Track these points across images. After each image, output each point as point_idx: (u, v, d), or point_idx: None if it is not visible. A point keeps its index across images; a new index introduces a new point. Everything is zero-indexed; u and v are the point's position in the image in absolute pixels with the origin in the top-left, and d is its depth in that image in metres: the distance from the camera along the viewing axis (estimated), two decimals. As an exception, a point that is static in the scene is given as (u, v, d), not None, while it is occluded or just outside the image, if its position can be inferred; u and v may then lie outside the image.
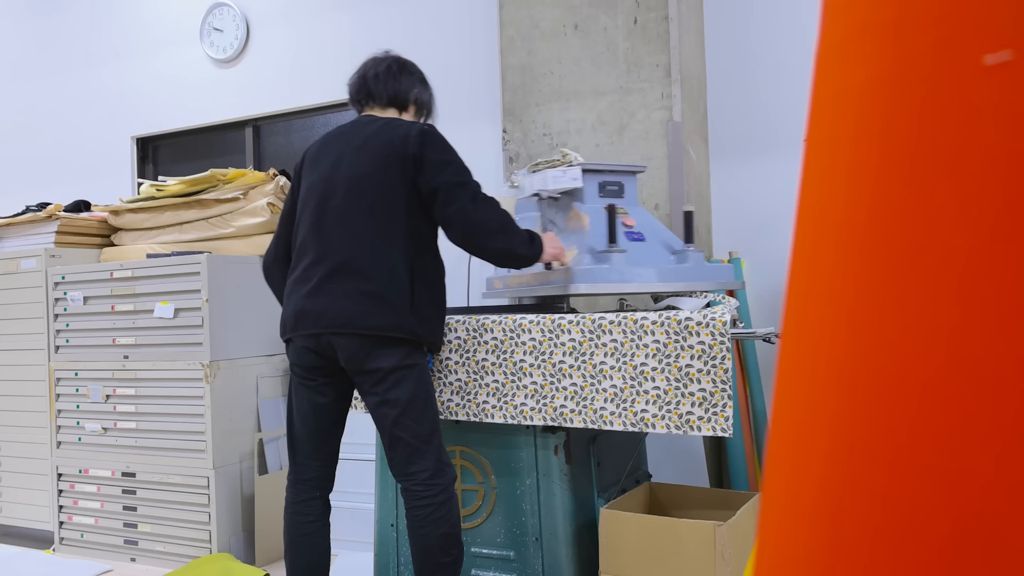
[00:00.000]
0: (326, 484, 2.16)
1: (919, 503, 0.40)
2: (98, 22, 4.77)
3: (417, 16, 3.85)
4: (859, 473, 0.42)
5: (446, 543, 2.00)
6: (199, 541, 3.03)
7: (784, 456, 0.46)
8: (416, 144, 1.99)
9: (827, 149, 0.45)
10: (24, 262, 3.48)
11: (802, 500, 0.45)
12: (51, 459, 3.38)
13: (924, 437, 0.40)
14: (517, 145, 3.28)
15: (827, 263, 0.44)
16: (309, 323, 1.99)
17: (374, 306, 1.94)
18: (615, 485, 2.47)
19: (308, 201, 2.08)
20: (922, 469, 0.39)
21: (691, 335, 1.92)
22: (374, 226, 1.98)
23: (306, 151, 2.20)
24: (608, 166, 2.40)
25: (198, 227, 3.42)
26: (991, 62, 0.39)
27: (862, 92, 0.43)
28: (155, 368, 3.11)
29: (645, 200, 3.05)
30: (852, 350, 0.43)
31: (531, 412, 2.13)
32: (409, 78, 2.18)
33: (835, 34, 0.45)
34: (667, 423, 1.94)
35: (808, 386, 0.46)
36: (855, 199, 0.43)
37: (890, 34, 0.42)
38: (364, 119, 2.13)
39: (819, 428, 0.45)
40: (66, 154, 4.89)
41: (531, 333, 2.13)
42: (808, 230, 0.46)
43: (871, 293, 0.42)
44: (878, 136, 0.42)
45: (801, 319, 0.46)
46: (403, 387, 1.98)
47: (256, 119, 4.36)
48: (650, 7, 3.08)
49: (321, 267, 2.00)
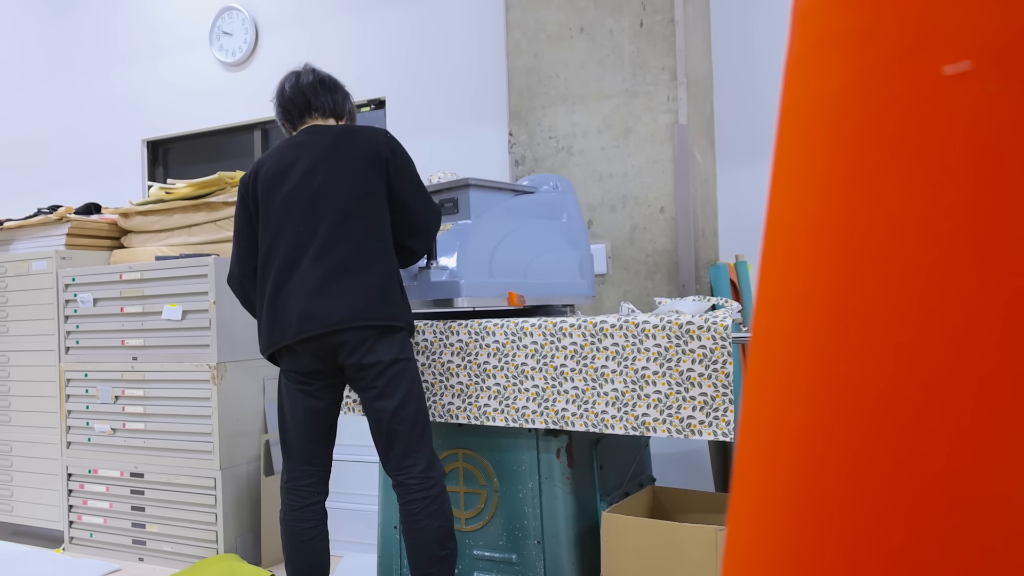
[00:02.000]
0: (323, 489, 2.18)
1: (874, 513, 0.40)
2: (108, 27, 4.81)
3: (424, 19, 3.87)
4: (821, 483, 0.42)
5: (442, 536, 2.02)
6: (206, 541, 3.05)
7: (751, 466, 0.47)
8: (387, 149, 2.12)
9: (791, 158, 0.45)
10: (36, 264, 3.51)
11: (769, 510, 0.45)
12: (61, 459, 3.41)
13: (879, 448, 0.40)
14: (523, 148, 3.29)
15: (792, 274, 0.44)
16: (318, 323, 2.01)
17: (378, 299, 2.03)
18: (618, 489, 2.46)
19: (288, 211, 2.10)
20: (876, 480, 0.40)
21: (692, 339, 1.91)
22: (364, 227, 2.06)
23: (258, 166, 2.18)
24: (436, 185, 2.47)
25: (206, 229, 3.44)
26: (951, 72, 0.39)
27: (826, 101, 0.43)
28: (163, 369, 3.13)
29: (651, 203, 3.05)
30: (816, 359, 0.43)
31: (532, 415, 2.13)
32: (341, 90, 2.28)
33: (801, 43, 0.46)
34: (668, 427, 1.94)
35: (775, 394, 0.46)
36: (817, 209, 0.43)
37: (853, 43, 0.42)
38: (317, 128, 2.16)
39: (784, 437, 0.45)
40: (77, 157, 4.94)
41: (533, 336, 2.14)
42: (774, 241, 0.46)
43: (836, 303, 0.43)
44: (839, 146, 0.42)
45: (769, 328, 0.46)
46: (400, 380, 2.04)
47: (265, 122, 4.38)
48: (656, 10, 3.08)
49: (319, 270, 2.03)
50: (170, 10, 4.60)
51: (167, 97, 4.60)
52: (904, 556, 0.38)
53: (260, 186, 2.15)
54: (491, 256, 2.32)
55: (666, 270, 3.03)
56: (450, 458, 2.36)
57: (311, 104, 2.20)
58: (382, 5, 3.97)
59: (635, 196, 3.09)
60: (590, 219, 3.15)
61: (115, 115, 4.79)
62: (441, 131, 3.82)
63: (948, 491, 0.38)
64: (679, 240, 3.01)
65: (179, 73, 4.56)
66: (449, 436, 2.36)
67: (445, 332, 2.28)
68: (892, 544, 0.39)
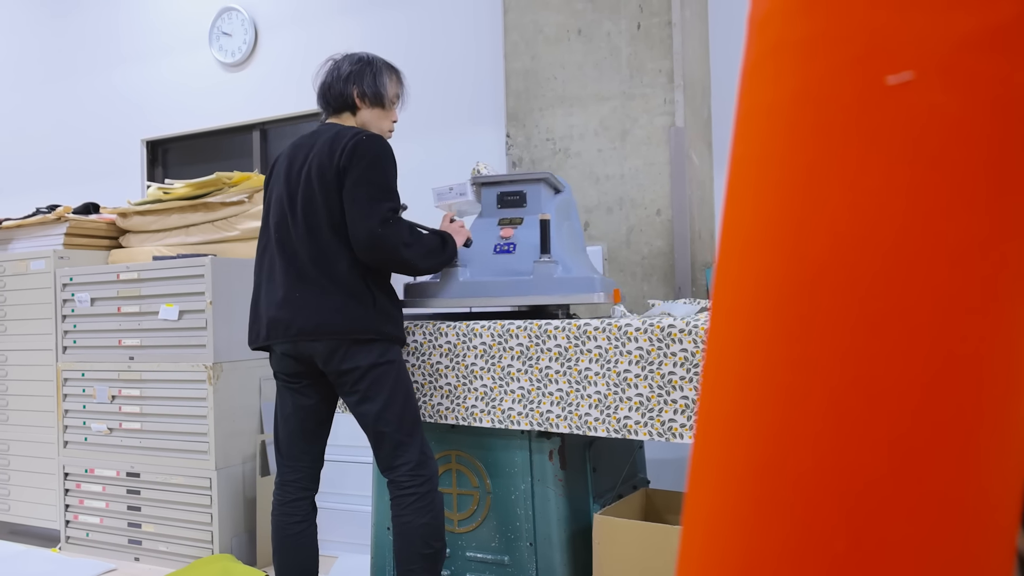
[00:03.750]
0: (311, 485, 2.19)
1: (818, 519, 0.40)
2: (108, 27, 4.83)
3: (423, 21, 3.87)
4: (771, 490, 0.42)
5: (428, 533, 2.02)
6: (201, 542, 3.06)
7: (706, 471, 0.47)
8: (346, 157, 2.02)
9: (744, 165, 0.45)
10: (34, 263, 3.52)
11: (721, 515, 0.45)
12: (58, 458, 3.42)
13: (823, 456, 0.40)
14: (520, 150, 3.29)
15: (745, 284, 0.44)
16: (280, 333, 2.05)
17: (338, 311, 2.00)
18: (611, 491, 2.46)
19: (275, 213, 2.13)
20: (822, 490, 0.40)
21: (674, 342, 1.91)
22: (336, 238, 2.02)
23: (277, 159, 2.23)
24: (507, 176, 2.38)
25: (204, 230, 3.45)
26: (894, 82, 0.39)
27: (773, 110, 0.43)
28: (159, 369, 3.14)
29: (647, 206, 3.05)
30: (765, 368, 0.43)
31: (518, 417, 2.14)
32: (355, 76, 2.16)
33: (753, 52, 0.46)
34: (649, 430, 1.94)
35: (729, 402, 0.46)
36: (764, 216, 0.43)
37: (800, 54, 0.42)
38: (320, 130, 2.17)
39: (739, 444, 0.45)
40: (77, 157, 4.95)
41: (518, 338, 2.14)
42: (727, 249, 0.46)
43: (786, 312, 0.43)
44: (786, 154, 0.42)
45: (724, 336, 0.46)
46: (382, 383, 2.04)
47: (264, 123, 4.39)
48: (653, 12, 3.08)
49: (287, 278, 2.05)
50: (169, 11, 4.61)
51: (166, 97, 4.62)
52: (845, 563, 0.38)
53: (271, 180, 2.20)
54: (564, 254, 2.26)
55: (662, 272, 3.03)
56: (443, 459, 2.36)
57: (327, 102, 2.21)
58: (381, 7, 3.98)
59: (632, 198, 3.09)
60: (587, 221, 3.15)
61: (114, 115, 4.80)
62: (438, 132, 3.83)
63: (887, 499, 0.38)
64: (675, 242, 3.01)
65: (178, 73, 4.57)
66: (442, 437, 2.37)
67: (434, 334, 2.29)
68: (834, 551, 0.39)
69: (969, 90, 0.37)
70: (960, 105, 0.37)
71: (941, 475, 0.37)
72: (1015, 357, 0.38)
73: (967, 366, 0.37)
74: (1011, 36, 0.37)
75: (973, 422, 0.38)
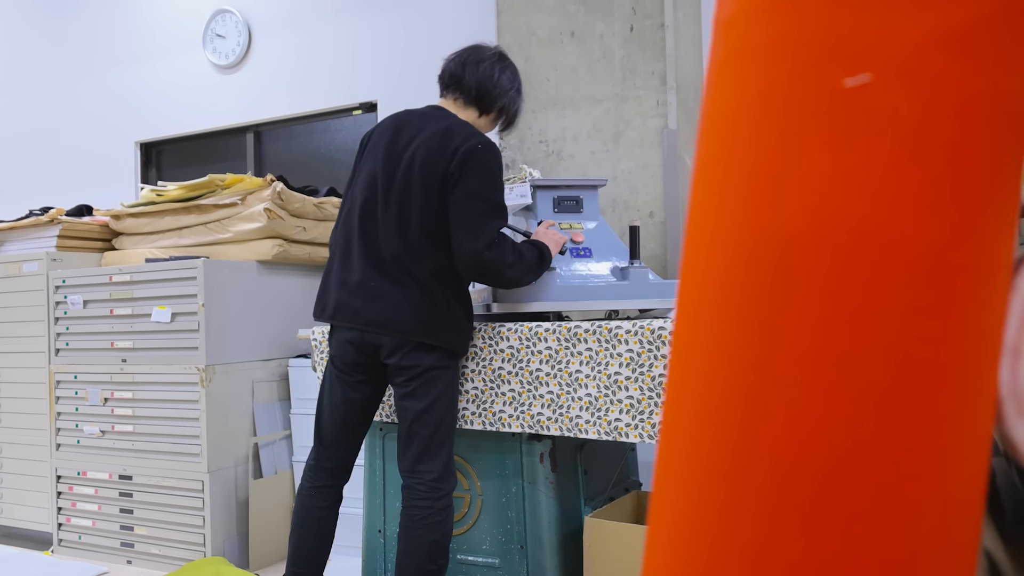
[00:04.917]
0: (343, 475, 2.20)
1: (777, 523, 0.40)
2: (102, 28, 4.82)
3: (417, 22, 3.87)
4: (734, 494, 0.42)
5: (434, 550, 2.01)
6: (193, 544, 3.05)
7: (671, 473, 0.47)
8: (457, 164, 1.94)
9: (709, 166, 0.45)
10: (26, 265, 3.52)
11: (686, 518, 0.45)
12: (50, 461, 3.41)
13: (783, 460, 0.40)
14: (513, 151, 3.29)
15: (710, 287, 0.44)
16: (348, 318, 2.02)
17: (412, 312, 1.96)
18: (603, 494, 2.46)
19: (364, 189, 2.05)
20: (779, 494, 0.40)
21: (664, 344, 1.91)
22: (424, 236, 1.96)
23: (377, 126, 2.15)
24: (564, 181, 2.37)
25: (197, 232, 3.44)
26: (851, 84, 0.39)
27: (739, 112, 0.43)
28: (152, 372, 3.13)
29: (640, 208, 3.05)
30: (726, 370, 0.43)
31: (509, 419, 2.13)
32: (500, 87, 2.10)
33: (718, 54, 0.45)
34: (640, 432, 1.94)
35: (695, 405, 0.46)
36: (728, 217, 0.43)
37: (764, 55, 0.42)
38: (434, 113, 2.07)
39: (703, 447, 0.45)
40: (71, 159, 4.94)
41: (509, 341, 2.14)
42: (691, 249, 0.46)
43: (747, 314, 0.43)
44: (750, 155, 0.42)
45: (687, 337, 0.46)
46: (433, 386, 2.01)
47: (258, 125, 4.39)
48: (646, 15, 3.08)
49: (364, 263, 2.00)
50: (163, 12, 4.61)
51: (160, 99, 4.61)
52: (801, 567, 0.38)
53: (366, 148, 2.12)
54: None
55: (655, 274, 3.03)
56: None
57: (461, 88, 2.10)
58: (375, 8, 3.98)
59: (624, 200, 3.09)
60: (579, 223, 3.15)
61: (108, 117, 4.80)
62: (433, 134, 3.82)
63: (843, 504, 0.38)
64: (668, 245, 3.01)
65: (172, 75, 4.57)
66: (433, 440, 2.36)
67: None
68: (790, 556, 0.39)
69: (928, 93, 0.37)
70: (919, 108, 0.37)
71: (902, 477, 0.37)
72: (972, 360, 0.38)
73: (926, 367, 0.37)
74: (971, 39, 0.37)
75: (934, 424, 0.38)
